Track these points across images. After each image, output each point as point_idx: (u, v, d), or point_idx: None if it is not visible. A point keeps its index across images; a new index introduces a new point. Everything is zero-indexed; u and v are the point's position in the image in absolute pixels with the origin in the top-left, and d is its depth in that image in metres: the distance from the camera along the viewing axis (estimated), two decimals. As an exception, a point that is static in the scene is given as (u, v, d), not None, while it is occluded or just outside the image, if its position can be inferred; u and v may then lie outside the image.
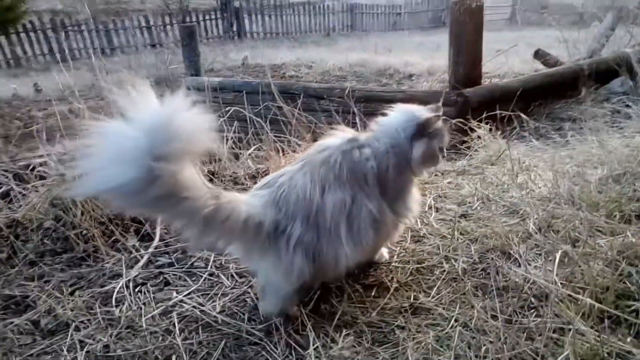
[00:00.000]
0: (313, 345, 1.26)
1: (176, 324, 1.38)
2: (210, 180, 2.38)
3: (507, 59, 7.49)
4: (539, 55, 6.41)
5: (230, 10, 16.72)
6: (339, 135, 1.48)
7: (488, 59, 6.25)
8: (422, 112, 1.54)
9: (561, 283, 1.44)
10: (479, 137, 3.04)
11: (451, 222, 1.93)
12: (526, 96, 4.15)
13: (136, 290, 1.56)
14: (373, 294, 1.52)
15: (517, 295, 1.45)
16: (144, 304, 1.48)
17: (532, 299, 1.43)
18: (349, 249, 1.34)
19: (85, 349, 1.28)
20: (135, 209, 1.26)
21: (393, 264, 1.68)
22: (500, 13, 20.56)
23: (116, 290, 1.53)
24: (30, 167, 2.64)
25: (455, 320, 1.36)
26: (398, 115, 1.55)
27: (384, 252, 1.70)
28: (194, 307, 1.46)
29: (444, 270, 1.63)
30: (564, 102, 4.28)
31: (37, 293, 1.55)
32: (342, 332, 1.33)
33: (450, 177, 2.49)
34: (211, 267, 1.71)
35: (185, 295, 1.52)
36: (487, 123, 3.17)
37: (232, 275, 1.64)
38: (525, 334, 1.28)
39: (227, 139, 2.79)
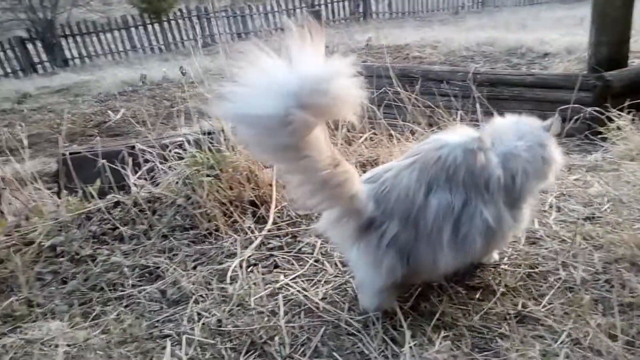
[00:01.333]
0: (409, 343, 1.26)
1: (281, 306, 1.47)
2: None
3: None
4: None
5: (356, -10, 16.73)
6: (461, 133, 1.41)
7: (641, 34, 5.50)
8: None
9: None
10: (618, 127, 2.72)
11: (573, 225, 1.77)
12: (684, 80, 3.60)
13: (248, 270, 1.69)
14: (477, 296, 1.47)
15: (644, 315, 1.30)
16: (254, 283, 1.60)
17: (664, 321, 1.28)
18: (450, 255, 1.29)
19: (201, 321, 1.43)
20: (262, 152, 1.28)
21: (502, 266, 1.60)
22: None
23: (231, 269, 1.67)
24: (170, 146, 2.95)
25: (567, 336, 1.26)
26: (518, 120, 1.50)
27: (494, 252, 1.63)
28: (298, 291, 1.55)
29: (560, 278, 1.51)
30: None
31: (166, 265, 1.76)
32: (440, 333, 1.32)
33: (578, 174, 2.27)
34: (317, 254, 1.78)
35: (291, 279, 1.61)
36: (629, 112, 2.82)
37: (336, 264, 1.70)
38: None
39: (341, 125, 2.83)
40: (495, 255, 1.63)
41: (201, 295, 1.56)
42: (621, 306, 1.35)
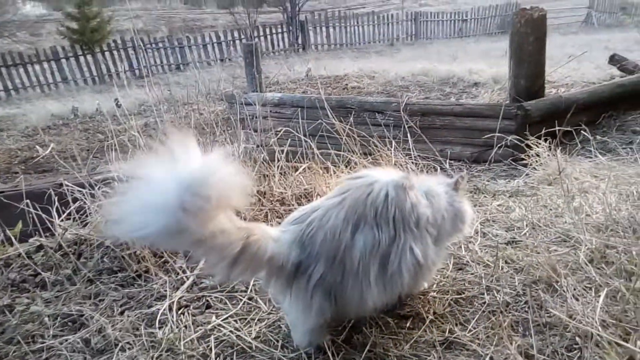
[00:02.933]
0: (340, 378, 1.26)
1: (212, 349, 1.44)
2: (259, 201, 2.46)
3: (580, 64, 7.11)
4: (614, 60, 6.04)
5: (295, 23, 17.11)
6: (388, 171, 1.46)
7: (559, 65, 5.96)
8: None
9: (610, 322, 1.35)
10: (537, 154, 2.90)
11: (496, 249, 1.86)
12: (594, 107, 3.93)
13: (179, 312, 1.64)
14: (408, 325, 1.50)
15: (559, 334, 1.37)
16: (185, 326, 1.55)
17: (577, 339, 1.35)
18: (378, 292, 1.30)
19: (128, 370, 1.37)
20: (170, 248, 1.32)
21: (431, 293, 1.65)
22: (574, 15, 19.52)
23: (160, 312, 1.62)
24: (99, 183, 2.84)
25: (490, 359, 1.31)
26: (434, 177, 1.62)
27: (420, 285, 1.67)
28: (230, 331, 1.52)
29: (484, 302, 1.58)
30: (638, 113, 3.99)
31: (90, 312, 1.67)
32: (371, 365, 1.33)
33: (502, 199, 2.40)
34: (251, 291, 1.76)
35: (223, 320, 1.58)
36: (546, 139, 3.02)
37: (269, 300, 1.68)
38: (564, 378, 1.22)
39: (278, 159, 2.86)
40: (425, 284, 1.67)
41: (128, 343, 1.49)
42: (538, 326, 1.42)
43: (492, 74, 8.23)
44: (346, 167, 2.93)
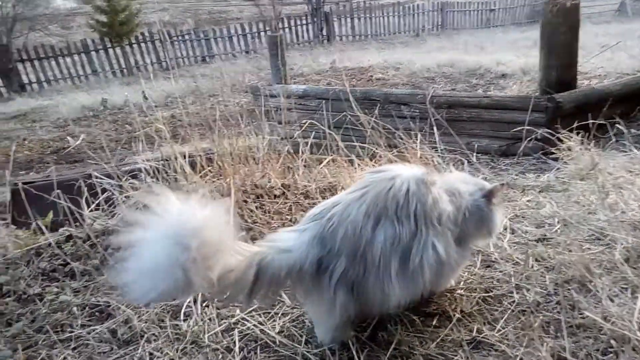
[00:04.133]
0: (365, 376, 1.24)
1: (237, 342, 1.43)
2: (283, 194, 2.45)
3: (614, 55, 6.87)
4: (650, 50, 5.80)
5: (320, 14, 17.01)
6: (409, 166, 1.43)
7: (591, 55, 5.77)
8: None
9: (647, 325, 1.30)
10: (569, 148, 2.81)
11: (526, 247, 1.81)
12: (628, 99, 3.79)
13: (203, 305, 1.64)
14: (434, 323, 1.47)
15: (593, 337, 1.33)
16: (209, 319, 1.55)
17: (613, 342, 1.30)
18: (399, 288, 1.28)
19: (153, 362, 1.38)
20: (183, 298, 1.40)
21: (458, 291, 1.61)
22: (608, 4, 18.87)
23: (185, 305, 1.62)
24: (127, 175, 2.87)
25: (520, 360, 1.27)
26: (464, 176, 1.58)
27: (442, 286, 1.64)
28: (254, 325, 1.51)
29: (514, 301, 1.53)
30: (676, 105, 3.83)
31: (117, 303, 1.69)
32: (396, 363, 1.31)
33: (532, 194, 2.33)
34: (275, 285, 1.75)
35: (247, 313, 1.57)
36: (578, 132, 2.92)
37: (293, 295, 1.67)
38: (598, 382, 1.17)
39: (302, 152, 2.84)
40: (452, 281, 1.64)
41: (153, 334, 1.51)
42: (570, 328, 1.37)
43: (520, 65, 8.03)
44: (371, 160, 2.89)
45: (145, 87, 10.45)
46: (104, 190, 2.61)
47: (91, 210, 2.50)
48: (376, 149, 2.94)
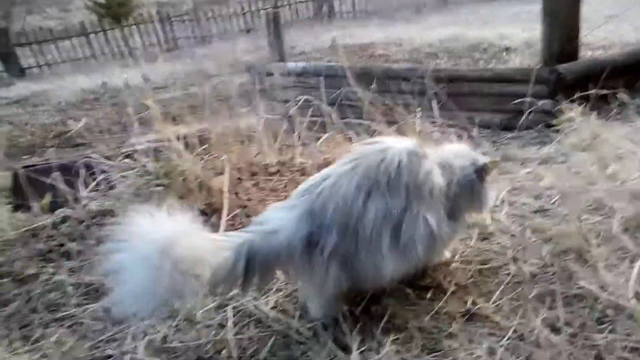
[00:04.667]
0: (357, 350, 1.23)
1: (230, 318, 1.43)
2: (278, 172, 2.43)
3: (618, 26, 6.72)
4: (656, 20, 5.67)
5: (320, -10, 16.74)
6: (401, 139, 1.41)
7: (595, 26, 5.63)
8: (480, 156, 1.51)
9: (644, 294, 1.28)
10: (569, 119, 2.76)
11: (523, 219, 1.78)
12: (632, 70, 3.71)
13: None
14: (428, 296, 1.46)
15: (589, 306, 1.31)
16: (203, 295, 1.54)
17: (609, 311, 1.29)
18: (392, 262, 1.27)
19: (146, 339, 1.38)
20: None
21: (453, 264, 1.60)
22: (615, -28, 18.43)
23: (178, 282, 1.61)
24: (123, 156, 2.86)
25: (514, 332, 1.26)
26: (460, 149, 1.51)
27: (437, 257, 1.62)
28: (248, 301, 1.50)
29: (509, 273, 1.51)
30: (682, 74, 3.74)
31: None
32: (390, 336, 1.30)
33: (531, 167, 2.29)
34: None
35: (240, 290, 1.56)
36: (580, 103, 2.87)
37: (287, 272, 1.66)
38: (593, 353, 1.16)
39: (297, 130, 2.81)
40: (447, 253, 1.62)
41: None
42: (566, 298, 1.36)
43: (524, 38, 7.88)
44: (370, 137, 2.85)
45: (146, 68, 10.41)
46: (102, 172, 2.61)
47: (90, 192, 2.49)
48: (375, 125, 2.90)
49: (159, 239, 1.11)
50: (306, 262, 1.26)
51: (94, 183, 2.55)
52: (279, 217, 1.30)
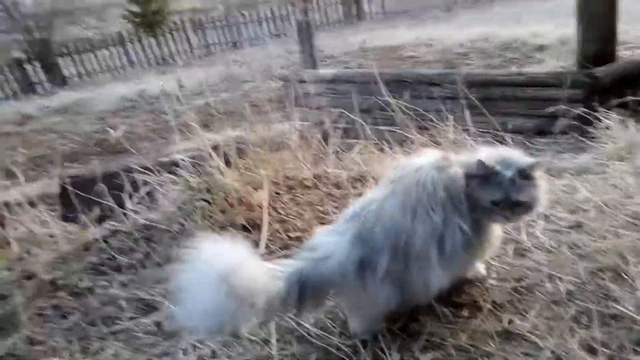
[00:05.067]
0: (396, 367, 1.29)
1: (273, 334, 1.50)
2: (314, 185, 2.49)
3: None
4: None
5: (349, -7, 16.75)
6: (430, 155, 1.47)
7: (635, 22, 5.44)
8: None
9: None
10: (607, 127, 2.73)
11: (560, 234, 1.80)
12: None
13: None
14: (465, 314, 1.50)
15: (627, 327, 1.32)
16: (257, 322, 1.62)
17: (648, 332, 1.30)
18: (440, 273, 1.36)
19: (196, 353, 1.47)
20: None
21: (489, 281, 1.63)
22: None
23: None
24: (166, 165, 2.97)
25: (551, 353, 1.28)
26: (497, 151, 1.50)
27: (480, 268, 1.65)
28: (290, 317, 1.57)
29: (546, 291, 1.54)
30: None
31: (161, 297, 1.79)
32: (428, 354, 1.35)
33: (566, 179, 2.29)
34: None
35: (282, 306, 1.63)
36: (619, 108, 2.83)
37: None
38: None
39: (328, 141, 2.87)
40: (482, 271, 1.65)
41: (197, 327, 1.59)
42: (603, 318, 1.37)
43: (558, 36, 7.71)
44: (401, 146, 2.88)
45: (181, 75, 10.67)
46: (145, 183, 2.72)
47: (135, 204, 2.61)
48: (407, 133, 2.92)
49: (219, 266, 1.19)
50: (359, 285, 1.34)
51: (139, 196, 2.68)
52: (329, 242, 1.38)
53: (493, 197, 1.38)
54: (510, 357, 1.30)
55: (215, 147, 2.63)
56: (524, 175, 1.39)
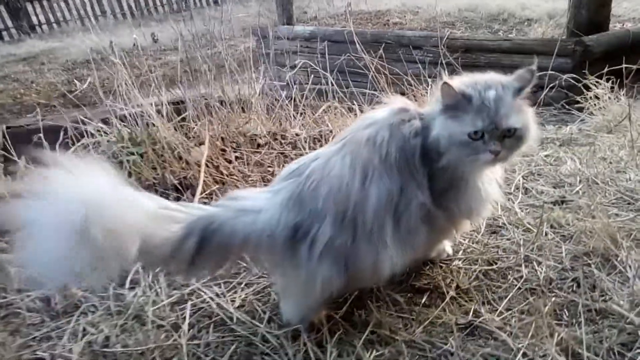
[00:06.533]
0: (332, 365, 1.02)
1: (187, 319, 1.22)
2: (267, 144, 2.19)
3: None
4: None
5: (336, -47, 16.08)
6: (389, 106, 1.16)
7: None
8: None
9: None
10: (596, 96, 2.47)
11: (540, 210, 1.53)
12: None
13: (156, 270, 1.41)
14: (423, 301, 1.23)
15: (617, 326, 1.07)
16: (159, 288, 1.33)
17: (641, 332, 1.05)
18: (396, 252, 1.06)
19: (85, 339, 1.17)
20: None
21: (455, 262, 1.36)
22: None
23: (133, 270, 1.38)
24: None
25: (523, 355, 1.03)
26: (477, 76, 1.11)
27: (447, 246, 1.38)
28: (211, 298, 1.29)
29: (521, 277, 1.28)
30: None
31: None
32: (372, 351, 1.08)
33: (551, 148, 2.03)
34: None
35: (203, 283, 1.34)
36: (608, 79, 2.57)
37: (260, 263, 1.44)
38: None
39: (293, 98, 2.56)
40: (449, 249, 1.39)
41: (92, 305, 1.29)
42: (589, 313, 1.12)
43: (547, 9, 7.49)
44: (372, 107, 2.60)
45: (156, 29, 10.13)
46: (86, 135, 2.43)
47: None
48: (380, 94, 2.63)
49: (82, 201, 0.89)
50: (290, 256, 1.05)
51: (73, 148, 2.37)
52: (259, 197, 1.10)
53: (473, 126, 1.02)
54: (474, 358, 1.04)
55: (173, 104, 2.36)
56: (512, 94, 1.05)
